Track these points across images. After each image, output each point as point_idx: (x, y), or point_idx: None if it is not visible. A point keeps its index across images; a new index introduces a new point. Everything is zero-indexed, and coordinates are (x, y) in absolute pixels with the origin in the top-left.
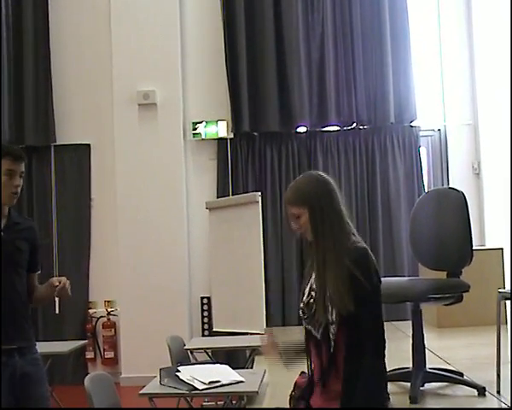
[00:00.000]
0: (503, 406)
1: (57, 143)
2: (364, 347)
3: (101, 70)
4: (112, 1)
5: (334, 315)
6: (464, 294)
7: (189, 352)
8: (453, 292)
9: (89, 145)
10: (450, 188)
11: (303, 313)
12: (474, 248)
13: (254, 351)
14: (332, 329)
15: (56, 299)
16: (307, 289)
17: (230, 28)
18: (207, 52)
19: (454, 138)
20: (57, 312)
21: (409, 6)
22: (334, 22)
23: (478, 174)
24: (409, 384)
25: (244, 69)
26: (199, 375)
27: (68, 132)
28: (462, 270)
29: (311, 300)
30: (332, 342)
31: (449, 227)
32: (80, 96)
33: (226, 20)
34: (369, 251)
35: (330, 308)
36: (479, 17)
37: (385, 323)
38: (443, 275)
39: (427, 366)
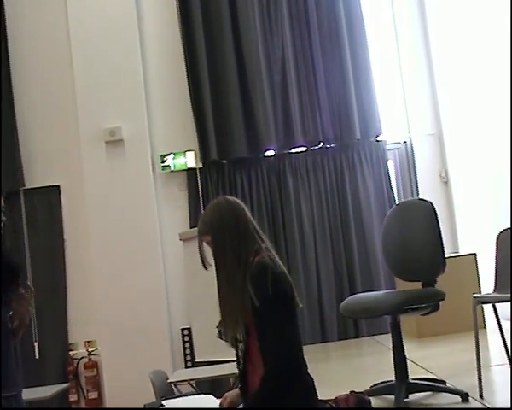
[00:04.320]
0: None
1: (26, 186)
2: (271, 360)
3: (66, 110)
4: (72, 40)
5: (241, 333)
6: (441, 302)
7: (172, 385)
8: (429, 301)
9: (58, 187)
10: (418, 199)
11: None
12: (447, 255)
13: (238, 378)
14: (240, 346)
15: (35, 344)
16: None
17: (192, 58)
18: (171, 84)
19: (420, 149)
20: (37, 357)
21: (366, 21)
22: (294, 44)
23: (446, 182)
24: (393, 397)
25: (208, 98)
26: (183, 408)
27: (37, 175)
28: (437, 278)
29: None
30: (241, 359)
31: (420, 238)
32: (46, 137)
33: (187, 50)
34: (270, 265)
35: (235, 327)
36: (434, 26)
37: (366, 338)
38: (419, 285)
39: (410, 377)
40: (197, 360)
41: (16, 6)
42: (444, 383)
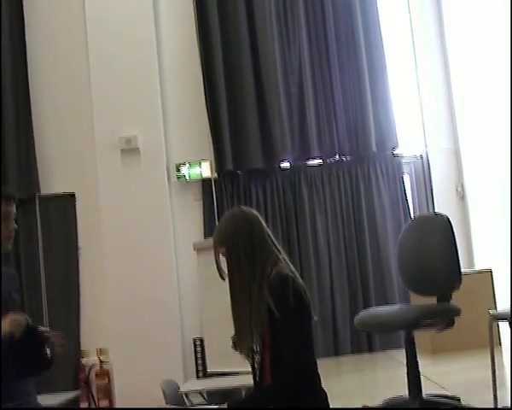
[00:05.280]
0: None
1: (41, 193)
2: (287, 372)
3: (82, 118)
4: (90, 48)
5: (257, 345)
6: (456, 318)
7: (184, 395)
8: (444, 317)
9: (73, 194)
10: (435, 213)
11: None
12: (462, 271)
13: (249, 390)
14: (256, 358)
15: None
16: None
17: (209, 69)
18: (187, 93)
19: (436, 163)
20: None
21: (383, 34)
22: (311, 55)
23: (462, 197)
24: None
25: (225, 108)
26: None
27: (52, 182)
28: (452, 294)
29: None
30: (258, 371)
31: (436, 252)
32: (62, 145)
33: (205, 61)
34: (291, 277)
35: (250, 339)
36: (452, 40)
37: (379, 352)
38: (434, 301)
39: (424, 392)
40: (209, 371)
41: (35, 15)
42: (458, 399)
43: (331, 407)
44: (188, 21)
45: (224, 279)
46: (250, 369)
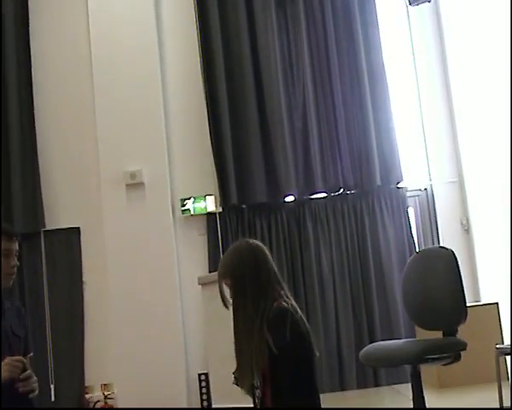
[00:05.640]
0: None
1: (46, 228)
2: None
3: (87, 152)
4: (95, 83)
5: (257, 380)
6: (463, 352)
7: None
8: (450, 351)
9: (78, 228)
10: (439, 247)
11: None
12: (468, 304)
13: None
14: (257, 393)
15: (52, 386)
16: None
17: (214, 104)
18: (192, 128)
19: (441, 196)
20: (53, 399)
21: (387, 68)
22: (315, 90)
23: (467, 230)
24: None
25: (229, 142)
26: None
27: (57, 217)
28: (459, 328)
29: None
30: (258, 406)
31: (441, 286)
32: (67, 179)
33: (209, 96)
34: (290, 310)
35: (251, 375)
36: (455, 73)
37: (385, 387)
38: (439, 335)
39: None
40: (214, 406)
41: (40, 53)
42: None
43: None
44: (193, 57)
45: (227, 308)
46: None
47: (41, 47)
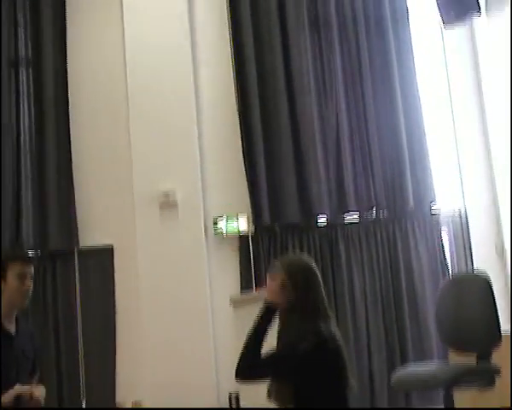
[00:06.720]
0: None
1: (80, 246)
2: None
3: (121, 171)
4: (130, 101)
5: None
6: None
7: None
8: (483, 376)
9: (111, 247)
10: (474, 273)
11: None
12: (502, 330)
13: None
14: None
15: (83, 401)
16: None
17: (247, 122)
18: (225, 147)
19: (475, 220)
20: None
21: (420, 88)
22: (348, 109)
23: (501, 254)
24: None
25: (262, 162)
26: None
27: (90, 235)
28: (492, 353)
29: None
30: None
31: (475, 312)
32: (102, 198)
33: (243, 115)
34: (328, 338)
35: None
36: (489, 94)
37: None
38: (473, 360)
39: None
40: None
41: (75, 75)
42: None
43: None
44: (226, 75)
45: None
46: None
47: (78, 66)
